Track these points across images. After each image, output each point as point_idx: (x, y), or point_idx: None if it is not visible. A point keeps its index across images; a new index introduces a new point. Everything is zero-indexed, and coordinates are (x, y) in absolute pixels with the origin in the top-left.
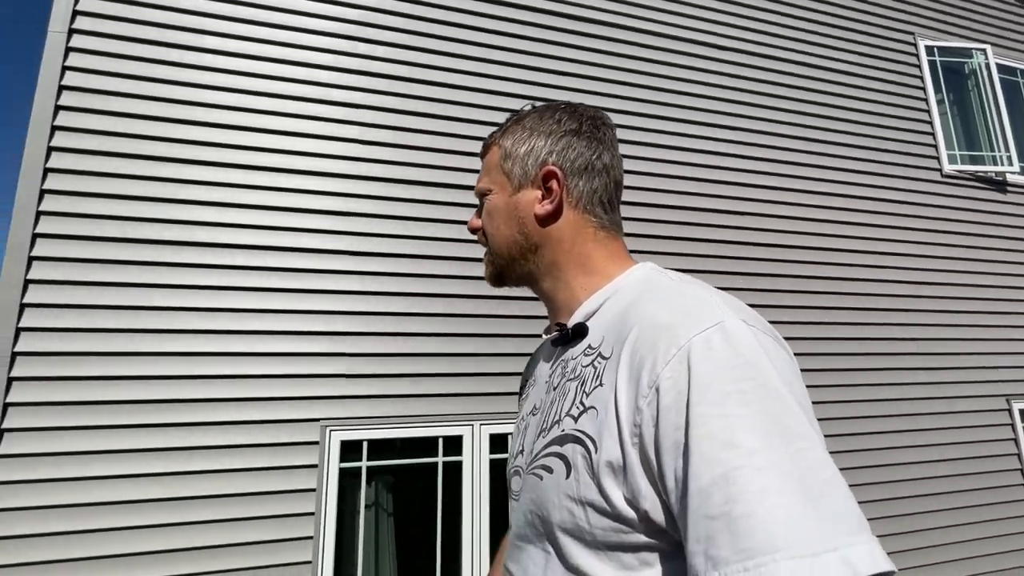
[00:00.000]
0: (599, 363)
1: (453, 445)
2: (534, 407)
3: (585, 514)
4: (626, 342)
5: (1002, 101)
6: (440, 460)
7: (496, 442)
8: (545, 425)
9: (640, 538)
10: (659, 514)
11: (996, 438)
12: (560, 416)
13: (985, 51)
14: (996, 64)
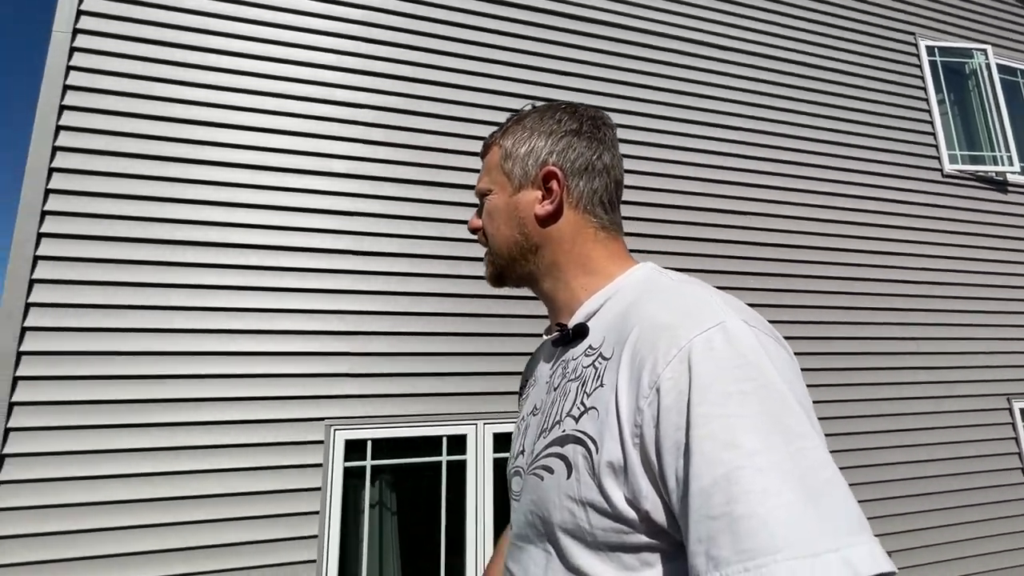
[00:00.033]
0: (600, 364)
1: (457, 444)
2: (535, 407)
3: (586, 514)
4: (627, 343)
5: (1002, 101)
6: (444, 459)
7: (500, 441)
8: (546, 425)
9: (641, 538)
10: (660, 514)
11: (996, 437)
12: (561, 417)
13: (985, 51)
14: (996, 64)
